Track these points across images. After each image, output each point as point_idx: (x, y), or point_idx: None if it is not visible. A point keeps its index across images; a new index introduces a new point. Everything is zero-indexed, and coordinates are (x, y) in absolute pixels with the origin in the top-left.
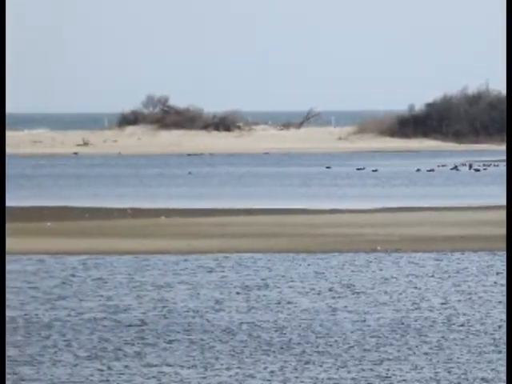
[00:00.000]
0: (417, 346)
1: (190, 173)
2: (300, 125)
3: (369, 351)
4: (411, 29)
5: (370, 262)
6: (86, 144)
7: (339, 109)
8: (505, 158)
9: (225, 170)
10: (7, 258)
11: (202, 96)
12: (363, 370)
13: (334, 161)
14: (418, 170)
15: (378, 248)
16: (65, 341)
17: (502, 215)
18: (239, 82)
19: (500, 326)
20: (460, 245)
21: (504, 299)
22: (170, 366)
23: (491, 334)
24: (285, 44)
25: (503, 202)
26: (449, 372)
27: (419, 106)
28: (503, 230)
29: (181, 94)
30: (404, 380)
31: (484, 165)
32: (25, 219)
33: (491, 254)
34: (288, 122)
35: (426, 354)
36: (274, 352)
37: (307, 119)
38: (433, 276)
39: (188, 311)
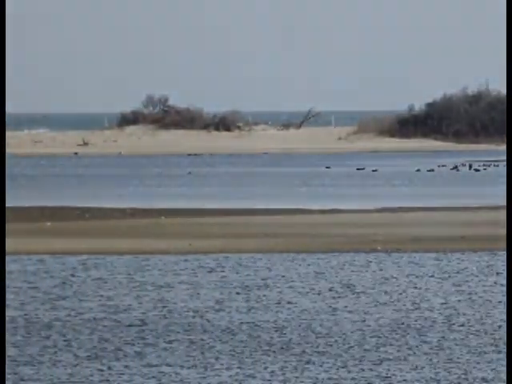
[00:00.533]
0: (417, 346)
1: (189, 173)
2: (300, 125)
3: (369, 351)
4: (411, 28)
5: (370, 262)
6: (86, 144)
7: (339, 109)
8: (505, 157)
9: (225, 170)
10: (7, 258)
11: (201, 96)
12: (363, 370)
13: (334, 161)
14: (418, 170)
15: (378, 248)
16: (65, 341)
17: (502, 215)
18: (239, 82)
19: (500, 326)
20: (460, 245)
21: (504, 299)
22: (170, 366)
23: (491, 334)
24: (284, 44)
25: (503, 202)
26: (449, 372)
27: (419, 105)
28: (503, 230)
29: (181, 94)
30: (404, 380)
31: (484, 165)
32: (25, 219)
33: (491, 254)
34: (288, 122)
35: (426, 354)
36: (274, 352)
37: (307, 119)
38: (433, 276)
39: (188, 311)
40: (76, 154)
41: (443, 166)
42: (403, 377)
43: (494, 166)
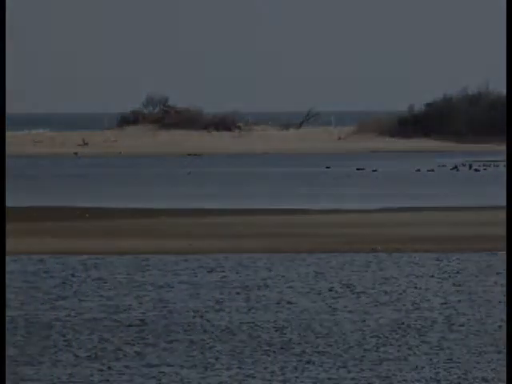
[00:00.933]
0: (417, 346)
1: (189, 173)
2: (300, 125)
3: (369, 351)
4: (411, 28)
5: (370, 262)
6: (86, 144)
7: (339, 109)
8: (505, 157)
9: (225, 170)
10: (7, 258)
11: (201, 96)
12: (363, 370)
13: (334, 161)
14: (418, 170)
15: (378, 248)
16: (65, 341)
17: (502, 215)
18: (239, 82)
19: (500, 326)
20: (460, 245)
21: (504, 299)
22: (170, 366)
23: (491, 334)
24: (284, 44)
25: (503, 202)
26: (449, 372)
27: (419, 106)
28: (503, 230)
29: (181, 94)
30: (404, 380)
31: (484, 165)
32: (25, 219)
33: (491, 254)
34: (288, 122)
35: (426, 354)
36: (274, 352)
37: (307, 119)
38: (433, 276)
39: (188, 311)
40: (76, 154)
41: (443, 166)
42: (403, 377)
43: (494, 166)
